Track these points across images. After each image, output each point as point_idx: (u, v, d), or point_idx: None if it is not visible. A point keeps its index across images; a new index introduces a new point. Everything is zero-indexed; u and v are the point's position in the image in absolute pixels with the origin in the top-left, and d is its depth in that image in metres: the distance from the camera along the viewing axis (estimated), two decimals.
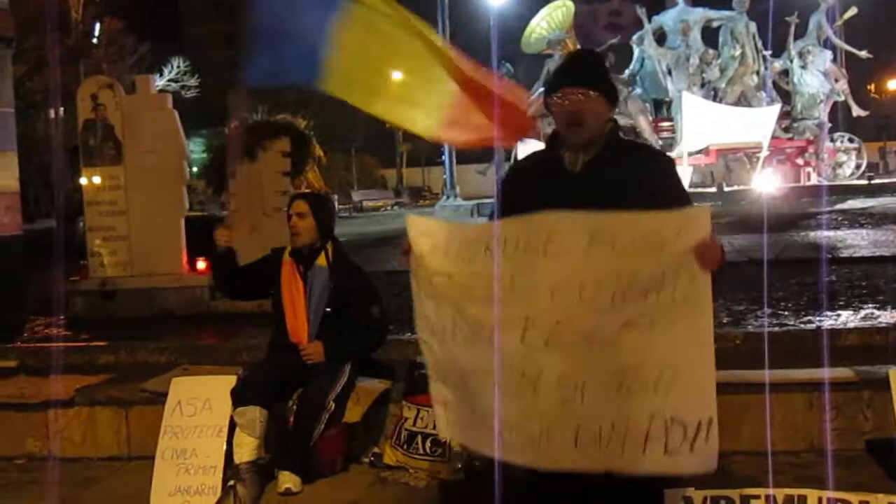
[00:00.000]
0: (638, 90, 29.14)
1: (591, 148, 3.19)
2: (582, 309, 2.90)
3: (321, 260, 4.84)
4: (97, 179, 8.43)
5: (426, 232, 3.28)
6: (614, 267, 2.88)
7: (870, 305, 6.77)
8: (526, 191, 3.24)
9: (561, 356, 2.93)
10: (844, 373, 4.75)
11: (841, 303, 6.93)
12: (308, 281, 4.80)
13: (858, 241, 11.82)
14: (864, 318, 6.28)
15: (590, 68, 3.31)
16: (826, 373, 4.64)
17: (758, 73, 28.38)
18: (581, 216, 2.94)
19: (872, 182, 26.39)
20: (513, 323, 2.97)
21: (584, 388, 2.90)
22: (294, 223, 4.82)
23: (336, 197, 28.90)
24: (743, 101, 28.16)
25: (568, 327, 2.91)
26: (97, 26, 27.67)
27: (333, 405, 4.60)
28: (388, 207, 42.04)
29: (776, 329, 5.94)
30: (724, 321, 6.21)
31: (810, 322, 6.18)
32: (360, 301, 4.81)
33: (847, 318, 6.32)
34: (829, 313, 6.45)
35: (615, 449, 2.89)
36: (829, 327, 5.89)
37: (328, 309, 4.76)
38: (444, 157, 29.76)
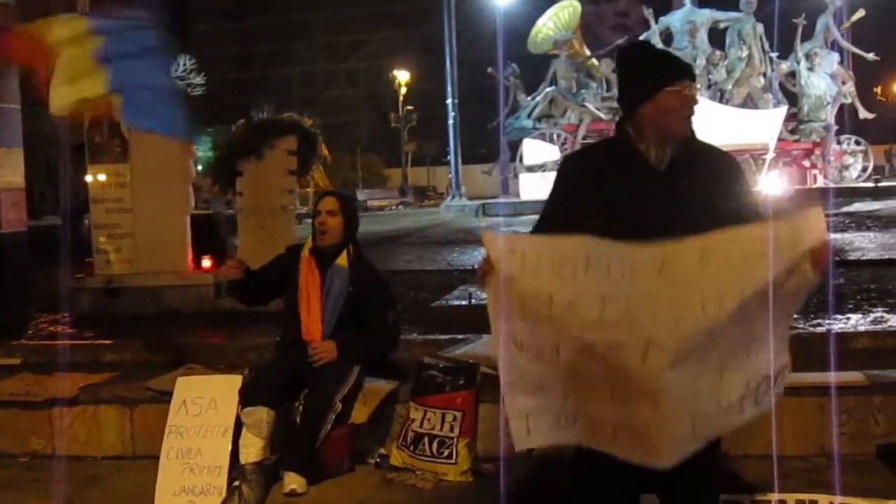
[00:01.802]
0: None
1: (678, 145, 3.11)
2: (706, 323, 2.85)
3: (342, 259, 4.80)
4: (103, 177, 8.42)
5: (511, 250, 3.04)
6: (735, 277, 2.84)
7: (879, 309, 6.73)
8: (604, 181, 3.12)
9: (685, 369, 2.88)
10: (856, 377, 4.72)
11: (850, 306, 6.89)
12: (327, 279, 4.76)
13: (866, 244, 11.78)
14: (874, 322, 6.23)
15: (684, 62, 3.32)
16: (837, 377, 4.60)
17: (764, 74, 28.37)
18: (687, 242, 2.89)
19: (879, 185, 26.33)
20: (633, 345, 2.87)
21: (698, 385, 2.93)
22: (324, 220, 4.78)
23: None
24: (749, 102, 28.15)
25: (690, 342, 2.86)
26: None
27: (340, 406, 4.57)
28: (393, 207, 42.06)
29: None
30: None
31: (820, 325, 6.13)
32: (376, 305, 4.79)
33: (857, 322, 6.28)
34: (838, 316, 6.40)
35: (720, 420, 2.98)
36: (840, 330, 5.84)
37: (342, 310, 4.72)
38: (450, 157, 29.75)
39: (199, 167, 8.89)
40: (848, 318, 6.39)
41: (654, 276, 2.89)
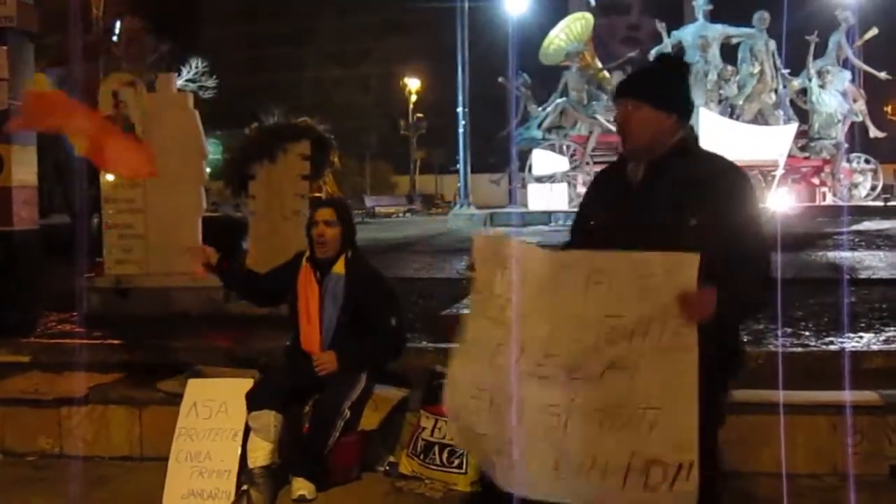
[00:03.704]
0: None
1: (651, 160, 3.15)
2: (569, 345, 2.95)
3: (338, 267, 4.75)
4: (115, 177, 8.41)
5: (488, 248, 3.25)
6: (603, 308, 2.91)
7: (892, 328, 6.68)
8: (593, 201, 3.32)
9: (546, 387, 2.97)
10: (869, 396, 4.70)
11: (862, 324, 6.84)
12: (324, 288, 4.72)
13: (876, 263, 11.71)
14: (887, 342, 6.19)
15: (640, 77, 3.36)
16: (851, 396, 4.58)
17: (776, 91, 28.34)
18: (588, 255, 3.01)
19: (888, 204, 26.26)
20: (510, 347, 3.04)
21: (567, 421, 2.94)
22: (322, 231, 4.71)
23: (350, 202, 28.90)
24: (760, 118, 28.12)
25: (554, 361, 2.97)
26: (117, 24, 27.78)
27: (349, 412, 4.55)
28: (401, 214, 42.06)
29: (798, 350, 5.85)
30: (745, 339, 6.12)
31: (832, 343, 6.09)
32: (376, 310, 4.72)
33: (869, 341, 6.23)
34: (850, 335, 6.36)
35: (596, 481, 2.91)
36: (853, 349, 5.80)
37: (341, 318, 4.68)
38: (458, 166, 29.75)
39: (209, 170, 8.86)
40: (861, 337, 6.35)
41: (548, 286, 3.01)
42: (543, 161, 28.76)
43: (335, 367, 4.60)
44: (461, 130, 28.41)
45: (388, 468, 4.77)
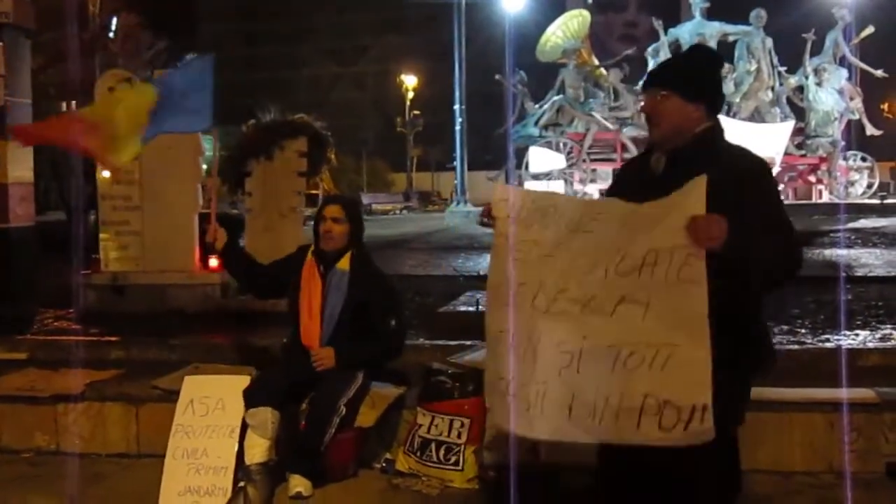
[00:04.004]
0: None
1: (675, 150, 3.15)
2: (581, 277, 3.00)
3: (343, 263, 4.76)
4: (111, 174, 8.40)
5: (506, 198, 3.36)
6: (615, 242, 2.96)
7: (888, 326, 6.70)
8: (618, 190, 3.30)
9: (560, 323, 3.01)
10: (866, 394, 4.70)
11: (858, 322, 6.86)
12: (328, 283, 4.73)
13: (872, 261, 11.73)
14: (883, 339, 6.21)
15: (670, 66, 3.40)
16: (847, 393, 4.58)
17: (772, 88, 28.30)
18: (625, 205, 3.05)
19: (885, 202, 26.27)
20: (530, 288, 3.10)
21: (580, 359, 2.95)
22: (329, 227, 4.74)
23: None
24: (757, 116, 28.09)
25: (567, 295, 3.01)
26: (114, 20, 27.66)
27: (345, 409, 4.54)
28: (397, 211, 42.02)
29: (795, 347, 5.87)
30: (772, 335, 6.14)
31: (828, 341, 6.11)
32: (377, 310, 4.73)
33: (865, 338, 6.25)
34: (847, 332, 6.38)
35: (609, 422, 2.90)
36: (849, 347, 5.82)
37: (343, 315, 4.68)
38: (455, 163, 29.72)
39: (205, 166, 8.85)
40: (857, 335, 6.36)
41: (581, 232, 3.08)
42: (540, 158, 28.72)
43: (333, 363, 4.60)
44: (458, 128, 28.34)
45: (384, 465, 4.76)
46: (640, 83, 4.29)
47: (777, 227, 2.99)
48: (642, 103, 3.29)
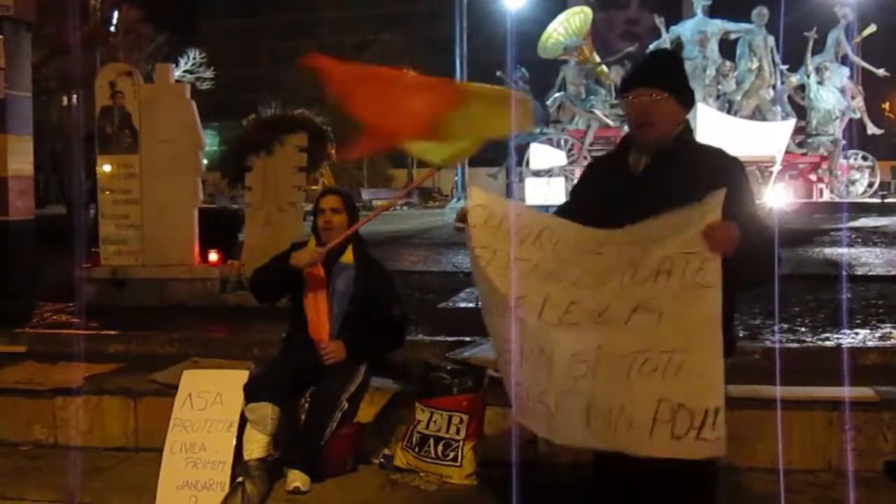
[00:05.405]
0: None
1: (656, 150, 3.17)
2: (594, 288, 3.03)
3: (347, 257, 4.77)
4: (112, 167, 8.40)
5: (483, 204, 3.42)
6: (625, 258, 2.98)
7: (887, 325, 6.70)
8: (592, 188, 3.35)
9: (574, 334, 3.03)
10: (865, 392, 4.68)
11: (858, 321, 6.86)
12: (332, 277, 4.73)
13: (873, 260, 11.73)
14: (883, 338, 6.20)
15: (663, 68, 3.32)
16: (847, 392, 4.57)
17: (774, 87, 28.27)
18: (629, 228, 3.06)
19: (885, 201, 26.27)
20: (534, 302, 3.12)
21: (595, 368, 2.97)
22: (329, 218, 4.75)
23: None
24: (758, 114, 28.06)
25: (580, 306, 3.04)
26: (115, 14, 27.70)
27: (347, 405, 4.54)
28: (398, 207, 41.96)
29: (795, 345, 5.86)
30: (742, 335, 6.13)
31: (828, 339, 6.11)
32: (383, 301, 4.75)
33: (865, 337, 6.25)
34: (847, 331, 6.37)
35: (623, 430, 2.91)
36: (849, 345, 5.81)
37: (351, 307, 4.69)
38: None
39: (205, 161, 8.86)
40: (856, 334, 6.36)
41: (591, 254, 3.12)
42: (541, 155, 28.70)
43: (343, 355, 4.60)
44: None
45: (383, 461, 4.75)
46: (620, 81, 4.17)
47: (761, 226, 3.04)
48: (632, 102, 3.23)
